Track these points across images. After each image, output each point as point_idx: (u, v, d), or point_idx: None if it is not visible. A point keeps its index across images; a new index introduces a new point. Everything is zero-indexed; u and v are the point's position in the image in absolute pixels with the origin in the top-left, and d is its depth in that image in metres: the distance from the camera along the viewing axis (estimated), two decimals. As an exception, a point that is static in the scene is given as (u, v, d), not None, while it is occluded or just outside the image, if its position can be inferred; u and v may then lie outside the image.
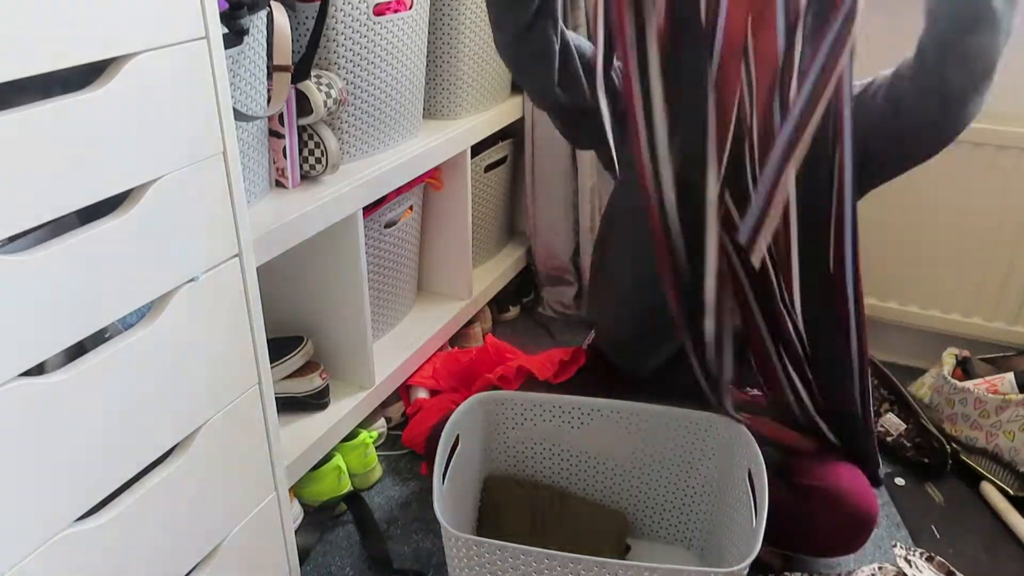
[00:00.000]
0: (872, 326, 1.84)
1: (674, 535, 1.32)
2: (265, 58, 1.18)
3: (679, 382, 1.34)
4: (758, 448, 1.15)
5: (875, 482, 1.23)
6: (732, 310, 1.12)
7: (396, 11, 1.38)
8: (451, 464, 1.18)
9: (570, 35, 1.21)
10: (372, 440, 1.48)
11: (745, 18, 0.97)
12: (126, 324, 0.88)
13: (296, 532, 1.29)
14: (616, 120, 1.11)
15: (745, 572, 0.99)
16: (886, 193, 1.71)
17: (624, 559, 1.27)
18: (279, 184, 1.30)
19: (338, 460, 1.42)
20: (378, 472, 1.51)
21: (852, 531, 1.19)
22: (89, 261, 0.79)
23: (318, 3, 1.26)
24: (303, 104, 1.26)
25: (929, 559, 1.24)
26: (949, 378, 1.59)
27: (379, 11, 1.35)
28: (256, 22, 1.13)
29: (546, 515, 1.27)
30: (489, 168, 1.89)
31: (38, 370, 0.77)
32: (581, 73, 1.20)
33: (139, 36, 0.79)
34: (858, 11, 0.91)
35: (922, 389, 1.68)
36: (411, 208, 1.64)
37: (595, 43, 1.08)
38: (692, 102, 1.02)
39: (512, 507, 1.28)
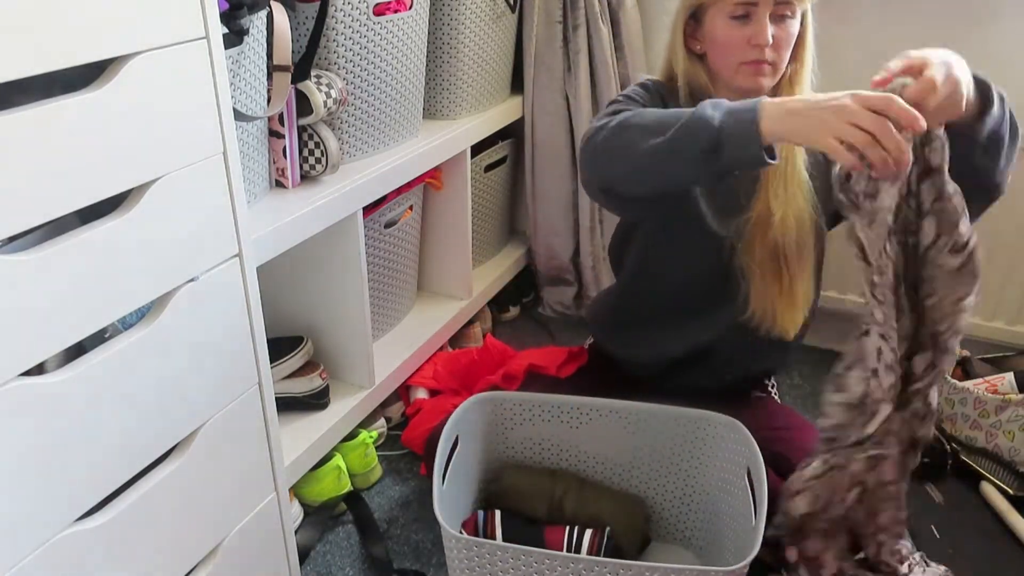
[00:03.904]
0: (872, 326, 1.85)
1: (673, 534, 1.32)
2: (265, 58, 1.18)
3: (679, 382, 1.34)
4: (757, 447, 1.15)
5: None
6: None
7: (396, 11, 1.38)
8: (450, 464, 1.18)
9: None
10: (372, 440, 1.48)
11: None
12: (126, 324, 0.88)
13: (296, 532, 1.29)
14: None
15: (745, 571, 1.00)
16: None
17: (646, 548, 1.29)
18: (279, 184, 1.30)
19: (338, 460, 1.42)
20: (378, 472, 1.51)
21: None
22: (89, 261, 0.79)
23: (318, 3, 1.26)
24: (303, 104, 1.26)
25: None
26: (949, 378, 1.59)
27: (379, 11, 1.35)
28: (256, 22, 1.13)
29: (564, 499, 1.26)
30: (489, 168, 1.89)
31: (38, 370, 0.77)
32: None
33: (139, 36, 0.79)
34: None
35: (922, 389, 1.67)
36: (411, 208, 1.64)
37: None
38: None
39: (528, 491, 1.28)
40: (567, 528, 1.21)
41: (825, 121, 0.89)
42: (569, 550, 1.19)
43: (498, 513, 1.23)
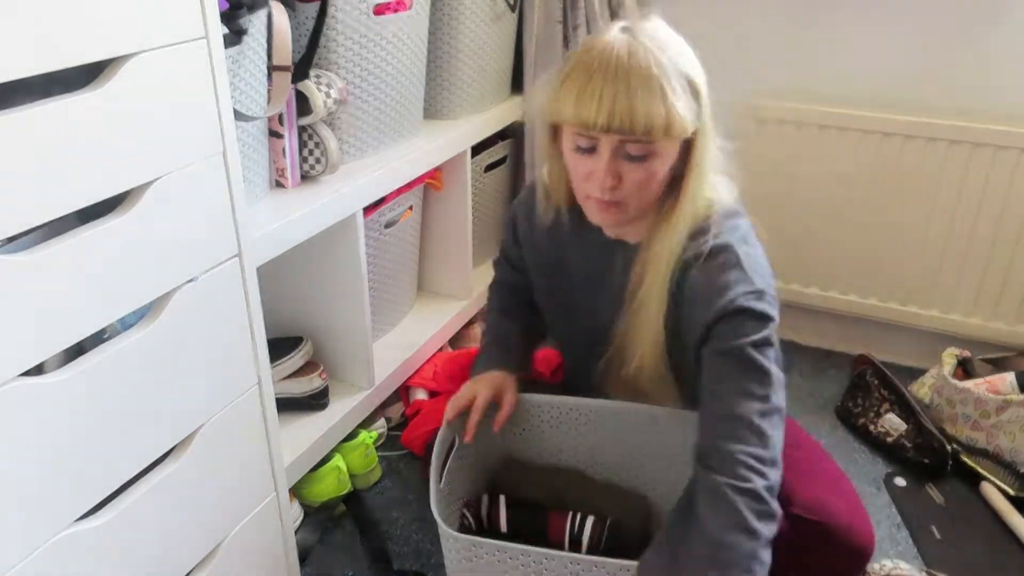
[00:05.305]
0: (873, 326, 1.86)
1: (674, 535, 1.32)
2: (265, 58, 1.18)
3: None
4: None
5: None
6: None
7: (396, 11, 1.38)
8: (448, 466, 1.18)
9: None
10: (372, 440, 1.48)
11: None
12: (126, 324, 0.88)
13: (296, 532, 1.29)
14: None
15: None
16: (887, 194, 1.72)
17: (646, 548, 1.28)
18: (279, 184, 1.30)
19: (338, 460, 1.42)
20: (378, 472, 1.51)
21: (848, 565, 1.18)
22: (89, 261, 0.79)
23: (318, 3, 1.26)
24: (303, 104, 1.26)
25: None
26: (949, 378, 1.59)
27: (379, 11, 1.35)
28: (256, 22, 1.13)
29: (566, 492, 1.26)
30: (489, 168, 1.89)
31: (38, 370, 0.77)
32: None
33: (139, 36, 0.79)
34: None
35: (922, 389, 1.67)
36: (411, 208, 1.64)
37: None
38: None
39: (530, 484, 1.28)
40: (570, 514, 1.21)
41: None
42: (572, 535, 1.19)
43: (502, 497, 1.24)
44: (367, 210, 1.41)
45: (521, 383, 1.44)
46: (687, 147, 0.99)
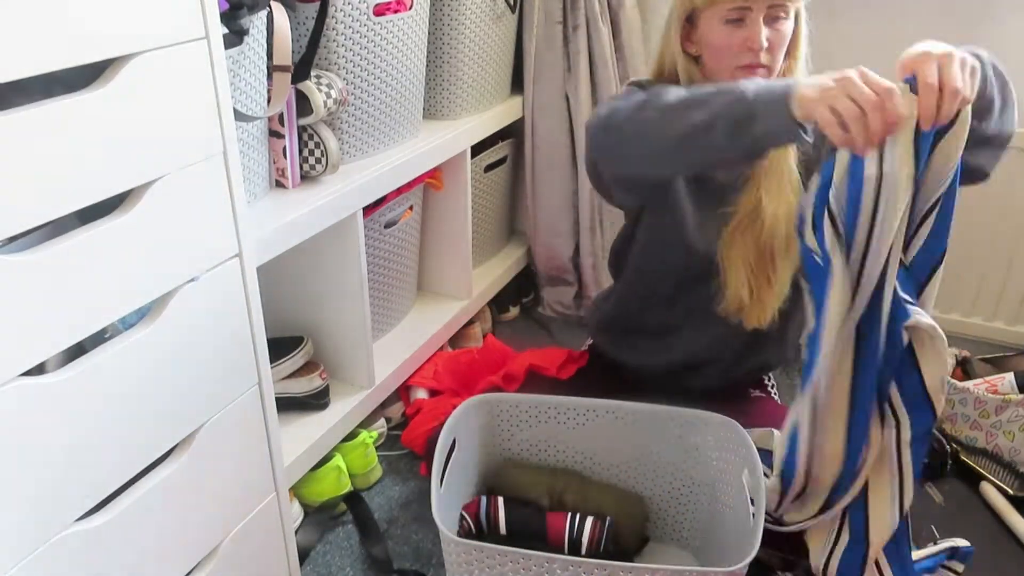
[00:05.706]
0: (872, 326, 1.85)
1: (671, 535, 1.32)
2: (265, 58, 1.18)
3: (679, 384, 1.34)
4: (754, 447, 1.15)
5: None
6: None
7: (396, 11, 1.38)
8: (449, 467, 1.18)
9: None
10: (372, 440, 1.48)
11: None
12: (126, 324, 0.88)
13: (296, 532, 1.29)
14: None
15: (744, 571, 1.00)
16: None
17: (643, 549, 1.29)
18: (279, 184, 1.30)
19: (338, 460, 1.42)
20: (378, 472, 1.51)
21: None
22: (89, 261, 0.79)
23: (318, 3, 1.26)
24: (303, 104, 1.26)
25: None
26: (950, 378, 1.59)
27: (379, 11, 1.35)
28: (256, 22, 1.13)
29: (565, 492, 1.27)
30: (489, 168, 1.89)
31: (38, 370, 0.77)
32: None
33: (139, 36, 0.79)
34: None
35: (922, 389, 1.67)
36: (411, 208, 1.64)
37: None
38: None
39: (529, 485, 1.28)
40: (569, 515, 1.22)
41: (826, 89, 0.88)
42: (571, 536, 1.19)
43: (500, 499, 1.24)
44: (367, 210, 1.41)
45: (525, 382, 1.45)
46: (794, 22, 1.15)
